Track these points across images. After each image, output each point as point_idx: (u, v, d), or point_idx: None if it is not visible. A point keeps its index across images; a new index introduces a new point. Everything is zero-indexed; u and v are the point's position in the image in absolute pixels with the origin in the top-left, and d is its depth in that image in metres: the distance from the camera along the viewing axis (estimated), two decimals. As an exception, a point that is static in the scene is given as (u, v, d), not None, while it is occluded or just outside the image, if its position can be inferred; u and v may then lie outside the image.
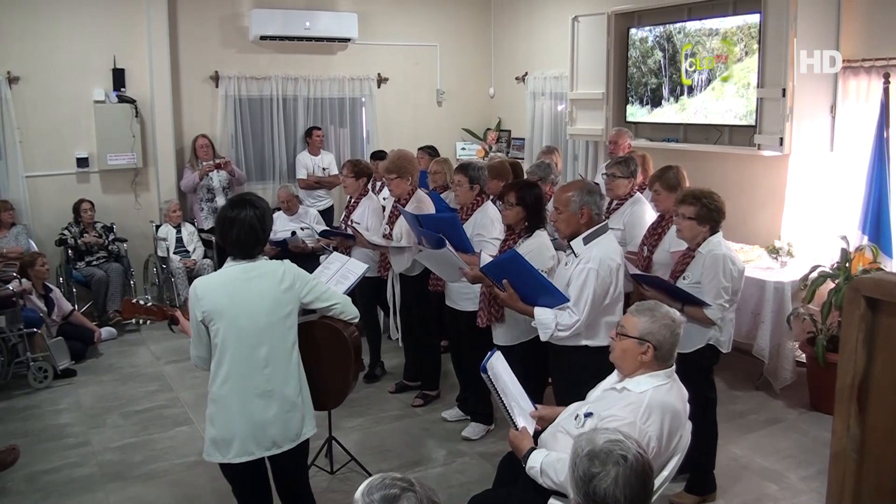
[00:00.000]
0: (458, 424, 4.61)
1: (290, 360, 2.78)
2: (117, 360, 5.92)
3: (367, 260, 4.63)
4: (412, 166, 4.80)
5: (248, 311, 2.69)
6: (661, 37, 6.15)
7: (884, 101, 4.79)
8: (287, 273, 2.79)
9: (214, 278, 2.80)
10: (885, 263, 4.75)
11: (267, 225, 2.78)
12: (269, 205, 2.94)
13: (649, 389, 2.43)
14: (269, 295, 2.72)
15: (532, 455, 2.54)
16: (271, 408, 2.73)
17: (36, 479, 4.05)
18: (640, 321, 2.48)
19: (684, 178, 4.14)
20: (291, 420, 2.78)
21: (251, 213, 2.71)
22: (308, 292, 2.83)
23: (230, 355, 2.70)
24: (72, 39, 6.76)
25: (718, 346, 3.55)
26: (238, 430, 2.71)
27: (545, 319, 3.24)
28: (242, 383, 2.71)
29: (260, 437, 2.72)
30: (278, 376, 2.74)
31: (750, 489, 3.86)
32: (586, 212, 3.27)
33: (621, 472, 1.71)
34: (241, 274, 2.73)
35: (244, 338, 2.69)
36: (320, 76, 7.92)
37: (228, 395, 2.72)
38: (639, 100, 6.47)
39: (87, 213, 6.68)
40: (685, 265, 3.59)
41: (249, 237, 2.72)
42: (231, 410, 2.72)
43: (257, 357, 2.71)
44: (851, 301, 2.26)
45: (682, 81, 6.05)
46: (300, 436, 2.83)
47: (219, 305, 2.68)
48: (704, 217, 3.50)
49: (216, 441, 2.74)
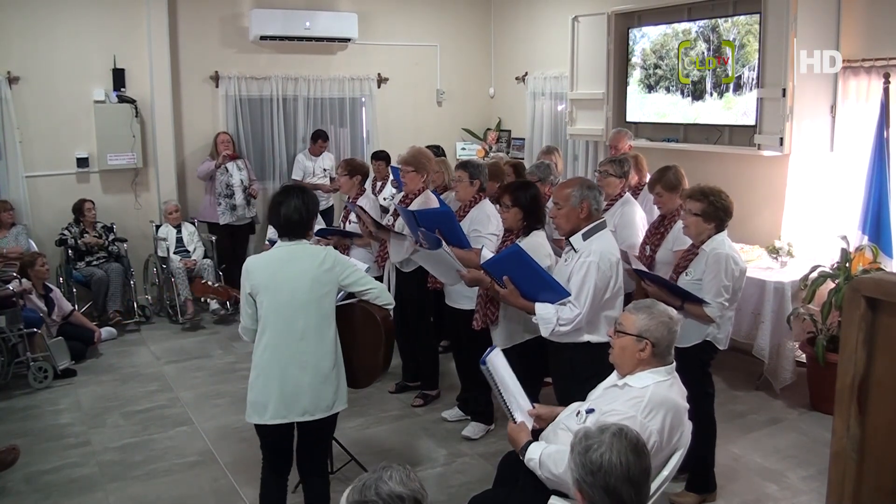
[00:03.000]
0: (458, 424, 4.61)
1: (326, 335, 3.02)
2: (117, 360, 5.92)
3: (365, 259, 4.62)
4: (430, 164, 4.83)
5: (288, 287, 2.96)
6: (707, 27, 5.82)
7: (884, 101, 4.79)
8: (328, 256, 3.05)
9: (263, 257, 3.12)
10: (885, 263, 4.75)
11: (311, 212, 3.06)
12: (316, 197, 3.18)
13: (651, 385, 2.45)
14: (309, 274, 2.98)
15: (531, 447, 2.56)
16: (305, 377, 2.97)
17: (36, 479, 4.05)
18: (638, 318, 2.50)
19: (683, 176, 4.15)
20: (324, 391, 3.01)
21: (298, 200, 3.01)
22: (347, 276, 3.07)
23: (271, 327, 2.98)
24: (72, 39, 6.75)
25: (716, 342, 3.57)
26: (273, 395, 2.96)
27: (546, 314, 3.24)
28: (280, 353, 2.97)
29: (292, 403, 2.97)
30: (313, 349, 2.99)
31: (750, 489, 3.86)
32: (586, 206, 3.28)
33: (615, 441, 1.77)
34: (286, 254, 3.03)
35: (283, 311, 2.96)
36: (320, 76, 7.92)
37: (268, 363, 2.99)
38: (679, 91, 6.09)
39: (90, 212, 6.67)
40: (688, 261, 3.60)
41: (293, 220, 3.00)
42: (269, 377, 2.98)
43: (294, 330, 2.96)
44: (851, 301, 2.26)
45: (727, 78, 5.68)
46: (331, 408, 3.05)
47: (264, 281, 2.98)
48: (710, 215, 3.50)
49: (254, 404, 3.02)
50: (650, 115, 6.39)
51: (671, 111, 6.18)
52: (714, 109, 5.81)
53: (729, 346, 3.68)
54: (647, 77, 6.34)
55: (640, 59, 6.41)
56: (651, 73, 6.31)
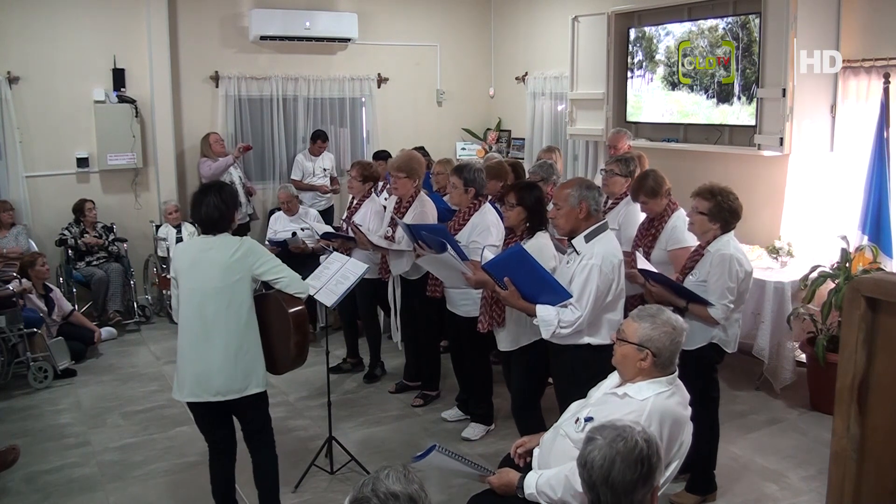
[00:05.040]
0: (458, 424, 4.61)
1: (237, 321, 3.18)
2: (117, 360, 5.93)
3: (366, 261, 4.62)
4: (421, 168, 4.87)
5: (200, 275, 3.18)
6: (735, 24, 5.52)
7: (884, 101, 4.79)
8: (242, 246, 3.22)
9: (187, 244, 3.42)
10: (885, 263, 4.75)
11: (230, 206, 3.24)
12: (234, 190, 3.35)
13: (651, 397, 2.40)
14: (220, 264, 3.17)
15: (526, 481, 2.54)
16: (215, 361, 3.15)
17: (36, 479, 4.05)
18: (641, 327, 2.45)
19: (663, 178, 4.06)
20: (235, 374, 3.18)
21: (216, 198, 3.21)
22: (260, 265, 3.22)
23: (184, 311, 3.23)
24: (72, 39, 6.75)
25: (723, 345, 3.53)
26: (188, 375, 3.20)
27: (547, 317, 3.23)
28: (193, 336, 3.20)
29: (205, 384, 3.17)
30: (223, 334, 3.16)
31: (750, 489, 3.86)
32: (585, 206, 3.27)
33: (608, 445, 1.78)
34: (202, 245, 3.26)
35: (195, 298, 3.19)
36: (320, 76, 7.92)
37: (183, 345, 3.24)
38: (703, 90, 5.82)
39: (91, 212, 6.67)
40: (694, 262, 3.56)
41: (211, 217, 3.21)
42: (184, 359, 3.23)
43: (205, 316, 3.16)
44: (851, 301, 2.25)
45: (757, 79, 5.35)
46: (244, 390, 3.21)
47: (183, 267, 3.25)
48: (716, 215, 3.47)
49: (177, 382, 3.27)
50: (674, 114, 6.12)
51: (695, 111, 5.92)
52: (743, 115, 5.53)
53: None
54: (670, 75, 6.11)
55: (664, 56, 6.16)
56: (675, 70, 6.07)
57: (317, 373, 5.20)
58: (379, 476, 1.61)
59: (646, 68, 6.36)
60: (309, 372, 5.16)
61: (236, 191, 3.38)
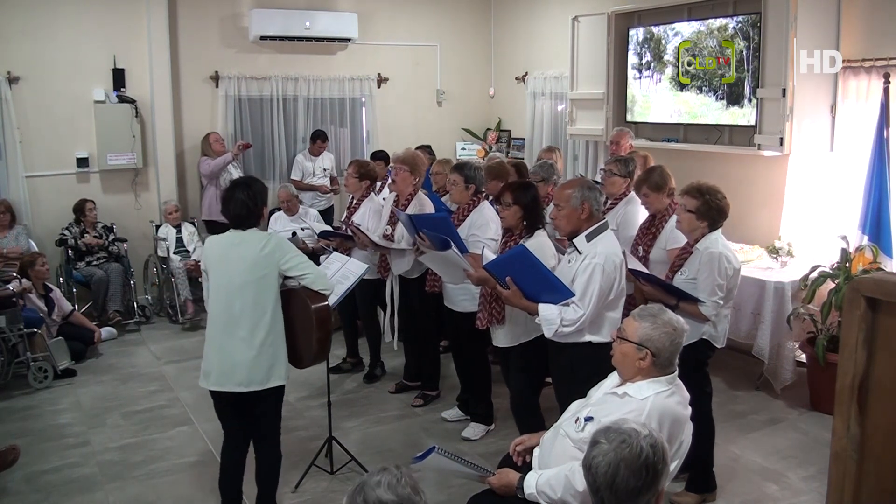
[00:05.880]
0: (458, 424, 4.61)
1: (263, 315, 3.25)
2: (117, 360, 5.93)
3: (366, 261, 4.62)
4: (422, 167, 4.93)
5: (228, 270, 3.26)
6: (746, 23, 5.40)
7: (884, 101, 4.79)
8: (270, 242, 3.30)
9: (218, 238, 3.43)
10: (885, 263, 4.75)
11: (259, 202, 3.31)
12: (263, 186, 3.41)
13: (651, 396, 2.41)
14: (248, 259, 3.24)
15: (526, 481, 2.54)
16: (240, 352, 3.24)
17: (36, 479, 4.05)
18: (641, 326, 2.45)
19: (669, 176, 4.11)
20: (258, 366, 3.25)
21: (244, 194, 3.27)
22: (287, 261, 3.29)
23: (214, 303, 3.32)
24: (72, 39, 6.75)
25: (713, 340, 3.57)
26: (214, 365, 3.30)
27: (550, 315, 3.24)
28: (219, 328, 3.29)
29: (230, 374, 3.26)
30: (249, 327, 3.24)
31: (750, 489, 3.86)
32: (587, 207, 3.28)
33: (613, 451, 1.76)
34: (232, 240, 3.32)
35: (222, 291, 3.28)
36: (320, 76, 7.92)
37: (210, 335, 3.34)
38: (712, 91, 5.75)
39: (91, 212, 6.67)
40: (683, 260, 3.60)
41: (240, 213, 3.28)
42: (211, 348, 3.33)
43: (232, 309, 3.24)
44: (851, 301, 2.26)
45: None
46: (266, 382, 3.28)
47: (213, 261, 3.35)
48: (704, 213, 3.50)
49: (203, 371, 3.35)
50: (682, 115, 6.07)
51: (704, 112, 5.87)
52: (743, 115, 5.51)
53: (729, 345, 3.68)
54: (679, 75, 6.05)
55: (672, 57, 6.10)
56: (684, 70, 6.00)
57: (317, 373, 5.17)
58: (369, 482, 1.61)
59: (654, 69, 6.34)
60: (309, 372, 5.12)
61: (265, 186, 3.44)
